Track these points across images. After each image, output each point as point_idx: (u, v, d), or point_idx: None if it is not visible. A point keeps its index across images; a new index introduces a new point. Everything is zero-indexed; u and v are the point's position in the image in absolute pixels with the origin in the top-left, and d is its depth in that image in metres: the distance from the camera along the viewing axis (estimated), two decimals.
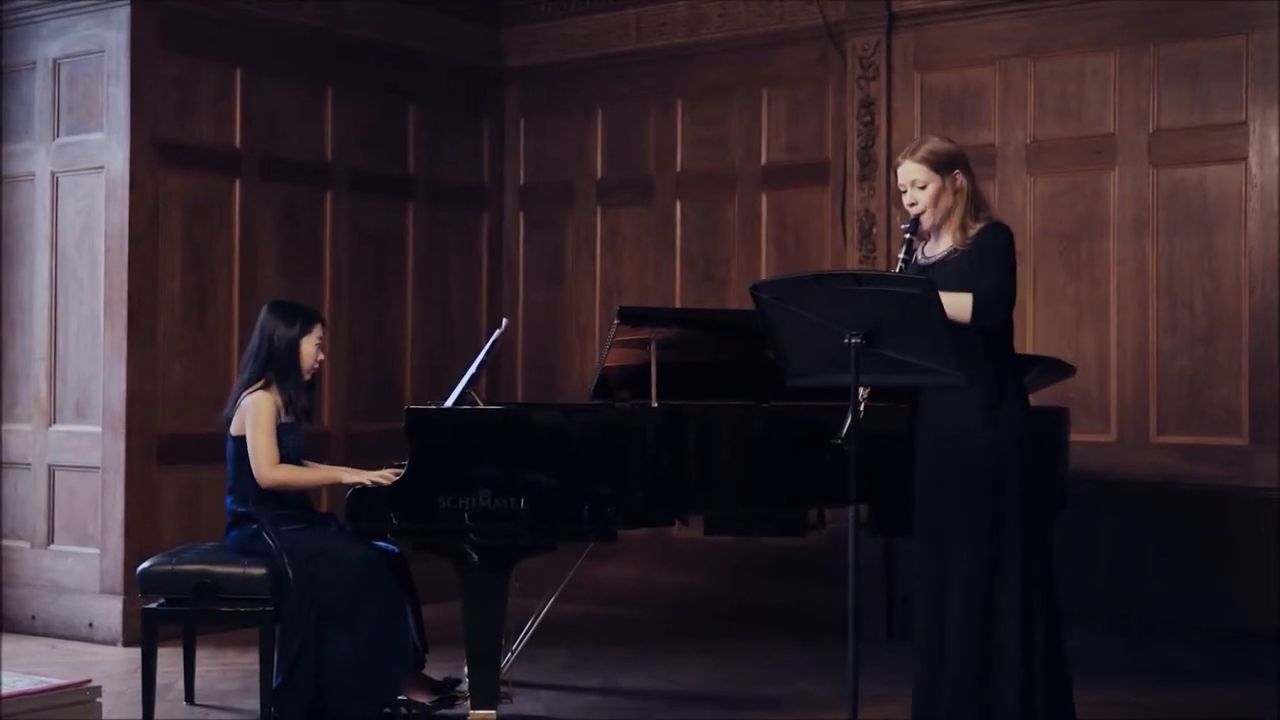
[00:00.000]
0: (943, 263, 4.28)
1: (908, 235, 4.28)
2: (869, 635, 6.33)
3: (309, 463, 5.41)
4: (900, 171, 4.32)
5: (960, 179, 4.29)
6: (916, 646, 4.37)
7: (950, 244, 4.29)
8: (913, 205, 4.30)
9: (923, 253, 4.37)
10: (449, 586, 4.95)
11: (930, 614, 4.31)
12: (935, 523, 4.31)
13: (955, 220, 4.28)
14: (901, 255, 4.25)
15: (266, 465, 5.10)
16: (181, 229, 6.85)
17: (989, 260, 4.23)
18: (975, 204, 4.31)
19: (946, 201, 4.29)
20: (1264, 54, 6.28)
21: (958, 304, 4.12)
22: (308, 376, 5.29)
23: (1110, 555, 6.49)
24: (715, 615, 7.40)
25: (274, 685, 4.96)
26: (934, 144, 4.35)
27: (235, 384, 5.34)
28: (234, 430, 5.18)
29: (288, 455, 5.17)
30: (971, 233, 4.27)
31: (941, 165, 4.28)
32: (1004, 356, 4.31)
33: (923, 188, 4.28)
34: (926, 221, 4.31)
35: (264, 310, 5.33)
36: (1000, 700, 4.20)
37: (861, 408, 4.03)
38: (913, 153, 4.32)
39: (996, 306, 4.22)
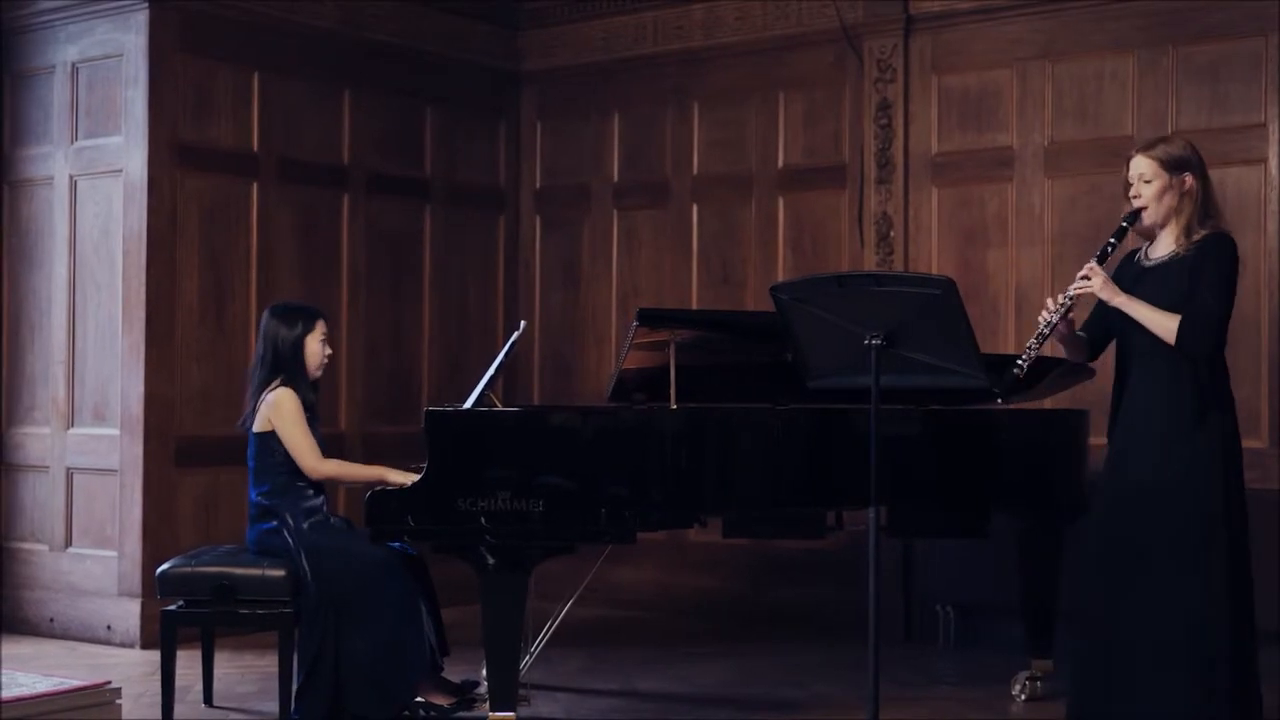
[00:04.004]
0: (1164, 266, 4.26)
1: (1125, 225, 4.29)
2: (886, 638, 6.30)
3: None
4: (1130, 164, 4.33)
5: (1190, 182, 4.26)
6: (1083, 653, 4.31)
7: (1172, 248, 4.27)
8: (1136, 198, 4.29)
9: (1146, 254, 4.35)
10: (468, 589, 4.94)
11: (1108, 625, 4.22)
12: (1130, 528, 4.20)
13: (1180, 223, 4.26)
14: (1112, 239, 4.27)
15: (313, 459, 5.11)
16: (199, 232, 6.86)
17: (1203, 277, 4.18)
18: (1205, 210, 4.28)
19: (1170, 201, 4.26)
20: None
21: (1161, 325, 4.13)
22: (317, 373, 5.30)
23: None
24: (732, 617, 7.39)
25: (294, 687, 4.96)
26: (1169, 143, 4.35)
27: (248, 392, 5.30)
28: (257, 427, 5.17)
29: None
30: (1195, 238, 4.23)
31: (1171, 165, 4.26)
32: (1215, 359, 4.23)
33: (1148, 182, 4.27)
34: (1148, 219, 4.29)
35: (265, 315, 5.31)
36: (1209, 712, 4.11)
37: (1023, 368, 4.15)
38: (1147, 148, 4.33)
39: (1205, 334, 4.16)
